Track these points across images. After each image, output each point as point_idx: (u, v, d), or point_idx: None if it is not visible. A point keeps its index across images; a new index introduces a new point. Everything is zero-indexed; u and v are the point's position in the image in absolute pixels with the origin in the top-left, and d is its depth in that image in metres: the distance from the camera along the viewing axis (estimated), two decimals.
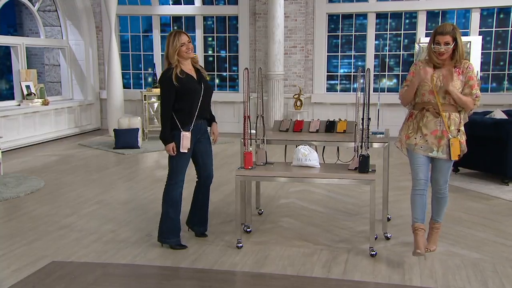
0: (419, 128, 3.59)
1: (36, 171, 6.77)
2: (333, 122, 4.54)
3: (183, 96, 3.76)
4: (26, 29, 12.43)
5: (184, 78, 3.75)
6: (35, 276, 3.41)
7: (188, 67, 3.84)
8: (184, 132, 3.79)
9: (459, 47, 3.45)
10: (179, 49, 3.72)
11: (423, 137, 3.58)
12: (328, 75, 10.38)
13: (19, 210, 5.03)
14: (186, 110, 3.80)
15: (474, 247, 4.00)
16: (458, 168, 6.36)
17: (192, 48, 3.81)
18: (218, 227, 4.46)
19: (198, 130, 3.90)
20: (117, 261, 3.70)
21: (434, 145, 3.55)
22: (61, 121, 9.96)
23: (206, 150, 4.04)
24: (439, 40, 3.44)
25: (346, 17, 10.29)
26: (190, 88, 3.77)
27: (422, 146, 3.59)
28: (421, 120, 3.58)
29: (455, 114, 3.54)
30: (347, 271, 3.55)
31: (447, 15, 9.99)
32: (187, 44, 3.75)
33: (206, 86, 3.91)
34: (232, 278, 3.50)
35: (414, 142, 3.61)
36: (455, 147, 3.50)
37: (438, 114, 3.52)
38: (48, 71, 11.53)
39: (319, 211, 4.99)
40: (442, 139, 3.53)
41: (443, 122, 3.51)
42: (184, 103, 3.78)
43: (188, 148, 3.81)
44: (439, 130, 3.54)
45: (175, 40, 3.71)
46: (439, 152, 3.56)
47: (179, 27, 10.92)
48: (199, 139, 3.96)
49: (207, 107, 3.98)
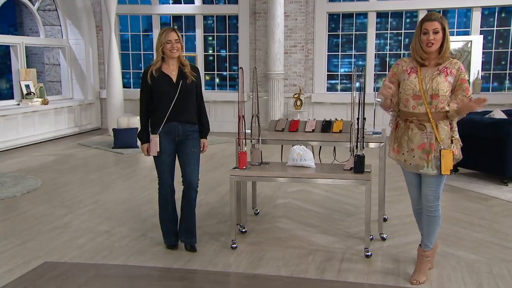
0: (405, 142, 3.24)
1: (34, 171, 6.76)
2: (329, 122, 4.50)
3: (155, 96, 3.69)
4: (27, 29, 12.43)
5: (157, 77, 3.68)
6: (27, 277, 3.40)
7: (172, 67, 3.72)
8: (152, 135, 3.71)
9: (447, 38, 3.11)
10: (164, 46, 3.64)
11: (410, 152, 3.23)
12: (328, 75, 10.34)
13: (15, 210, 5.02)
14: (157, 112, 3.70)
15: (470, 248, 3.96)
16: (457, 168, 6.31)
17: (179, 48, 3.67)
18: (213, 228, 4.43)
19: (172, 132, 3.72)
20: (110, 262, 3.68)
21: (423, 160, 3.18)
22: (61, 121, 9.95)
23: (186, 154, 3.78)
24: (427, 27, 3.08)
25: (347, 16, 10.24)
26: (161, 88, 3.67)
27: (411, 163, 3.24)
28: (406, 132, 3.23)
29: (443, 122, 3.16)
30: (341, 272, 3.52)
31: (448, 14, 9.93)
32: (174, 43, 3.64)
33: (185, 88, 3.69)
34: (225, 279, 3.48)
35: (403, 158, 3.29)
36: (447, 159, 3.09)
37: (424, 126, 3.15)
38: (48, 71, 11.53)
39: (316, 211, 4.95)
40: (431, 153, 3.14)
41: (430, 134, 3.15)
42: (155, 104, 3.70)
43: (158, 151, 3.68)
44: (426, 143, 3.16)
45: (162, 36, 3.66)
46: (429, 168, 3.16)
47: (179, 26, 10.90)
48: (181, 141, 3.77)
49: (186, 110, 3.73)
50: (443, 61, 3.17)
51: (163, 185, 3.82)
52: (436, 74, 3.15)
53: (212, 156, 7.64)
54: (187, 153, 3.77)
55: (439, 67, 3.16)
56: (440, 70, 3.16)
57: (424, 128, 3.15)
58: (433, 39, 3.08)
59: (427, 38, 3.09)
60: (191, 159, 3.78)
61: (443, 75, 3.14)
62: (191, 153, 3.78)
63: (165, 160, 3.76)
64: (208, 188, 5.74)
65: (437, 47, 3.12)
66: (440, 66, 3.16)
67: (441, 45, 3.12)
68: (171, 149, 3.76)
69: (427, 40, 3.09)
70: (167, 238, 3.92)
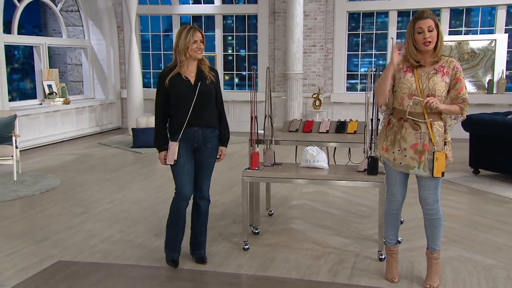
0: (397, 141, 3.14)
1: (54, 170, 6.87)
2: (344, 122, 4.45)
3: (173, 100, 3.42)
4: (50, 29, 12.65)
5: (176, 79, 3.40)
6: (40, 276, 3.44)
7: (191, 68, 3.45)
8: (171, 142, 3.43)
9: (441, 35, 3.02)
10: (190, 46, 3.35)
11: (401, 151, 3.13)
12: (348, 74, 10.24)
13: (33, 208, 5.10)
14: (175, 117, 3.43)
15: (488, 252, 3.86)
16: (478, 170, 6.17)
17: (203, 49, 3.42)
18: (227, 228, 4.42)
19: (192, 138, 3.45)
20: (122, 262, 3.71)
21: (414, 161, 3.09)
22: (82, 120, 10.10)
23: (201, 162, 3.53)
24: (421, 26, 2.98)
25: (367, 15, 10.12)
26: (179, 92, 3.40)
27: (401, 163, 3.14)
28: (399, 131, 3.13)
29: (438, 123, 3.09)
30: (353, 275, 3.47)
31: (472, 13, 9.72)
32: (199, 43, 3.38)
33: (204, 90, 3.42)
34: (235, 281, 3.46)
35: (392, 157, 3.17)
36: (440, 162, 3.02)
37: (418, 126, 3.07)
38: (70, 71, 11.71)
39: (331, 212, 4.90)
40: (423, 154, 3.06)
41: (424, 134, 3.07)
42: (173, 109, 3.43)
43: (175, 159, 3.39)
44: (419, 144, 3.07)
45: (189, 35, 3.34)
46: (421, 169, 3.08)
47: (199, 26, 10.91)
48: (199, 148, 3.51)
49: (206, 113, 3.47)
50: (439, 59, 3.09)
51: (180, 197, 3.49)
52: (433, 74, 3.07)
53: (230, 156, 7.61)
54: (202, 161, 3.53)
55: (435, 66, 3.08)
56: (436, 69, 3.08)
57: (418, 128, 3.07)
58: (430, 37, 2.99)
59: (423, 37, 3.00)
60: (205, 169, 3.55)
61: (439, 75, 3.06)
62: (207, 163, 3.55)
63: (184, 168, 3.45)
64: (223, 188, 5.74)
65: (434, 45, 3.03)
66: (437, 65, 3.08)
67: (436, 43, 3.03)
68: (190, 157, 3.49)
69: (423, 39, 3.00)
70: (171, 253, 3.59)
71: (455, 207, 5.04)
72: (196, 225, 3.66)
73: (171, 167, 3.48)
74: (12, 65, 14.49)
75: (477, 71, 9.38)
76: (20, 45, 10.61)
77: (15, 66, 15.13)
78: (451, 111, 3.07)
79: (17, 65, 15.36)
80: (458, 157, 7.00)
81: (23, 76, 14.95)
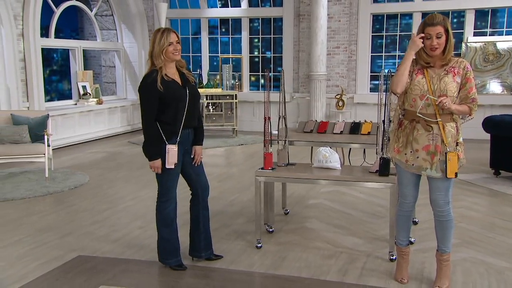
0: (409, 142, 3.16)
1: (84, 167, 7.14)
2: (358, 123, 4.49)
3: (168, 103, 3.33)
4: (87, 33, 13.07)
5: (170, 82, 3.34)
6: (60, 269, 3.62)
7: (172, 71, 3.41)
8: (170, 145, 3.35)
9: (450, 39, 3.03)
10: (166, 49, 3.28)
11: (414, 153, 3.15)
12: (372, 75, 10.21)
13: (61, 204, 5.35)
14: (172, 120, 3.36)
15: (503, 255, 3.83)
16: (499, 171, 6.07)
17: (180, 50, 3.36)
18: (241, 226, 4.53)
19: (186, 140, 3.48)
20: (139, 258, 3.85)
21: (426, 162, 3.11)
22: (115, 120, 10.42)
23: (192, 159, 3.60)
24: (430, 32, 3.00)
25: (391, 17, 10.07)
26: (175, 94, 3.34)
27: (414, 164, 3.16)
28: (411, 133, 3.15)
29: (450, 125, 3.10)
30: (363, 275, 3.50)
31: (498, 14, 9.52)
32: (175, 45, 3.31)
33: (192, 91, 3.45)
34: (245, 279, 3.53)
35: (404, 158, 3.19)
36: (453, 163, 3.02)
37: (431, 127, 3.09)
38: (104, 72, 12.09)
39: (346, 212, 4.94)
40: (436, 155, 3.08)
41: (436, 136, 3.08)
42: (169, 112, 3.35)
43: (175, 163, 3.39)
44: (432, 145, 3.08)
45: (163, 38, 3.27)
46: (433, 170, 3.10)
47: (226, 29, 11.13)
48: (187, 150, 3.55)
49: (195, 114, 3.51)
50: (449, 61, 3.10)
51: (172, 199, 3.54)
52: (444, 75, 3.09)
53: (252, 155, 7.76)
54: (193, 159, 3.60)
55: (445, 67, 3.10)
56: (447, 70, 3.09)
57: (430, 129, 3.09)
58: (437, 44, 3.01)
59: (431, 44, 3.02)
60: (201, 163, 3.66)
61: (450, 75, 3.08)
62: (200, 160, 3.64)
63: (177, 170, 3.48)
64: (242, 187, 5.85)
65: (441, 50, 3.05)
66: (447, 66, 3.10)
67: (444, 47, 3.06)
68: (181, 159, 3.50)
69: (430, 46, 3.03)
70: (174, 258, 3.60)
71: (473, 209, 5.00)
72: (205, 222, 3.71)
73: (163, 172, 3.42)
74: (51, 67, 14.97)
75: (501, 72, 9.22)
76: (59, 48, 11.04)
77: (54, 68, 15.65)
78: (461, 111, 3.09)
79: (55, 67, 15.88)
80: (479, 158, 6.96)
81: (61, 77, 15.45)
